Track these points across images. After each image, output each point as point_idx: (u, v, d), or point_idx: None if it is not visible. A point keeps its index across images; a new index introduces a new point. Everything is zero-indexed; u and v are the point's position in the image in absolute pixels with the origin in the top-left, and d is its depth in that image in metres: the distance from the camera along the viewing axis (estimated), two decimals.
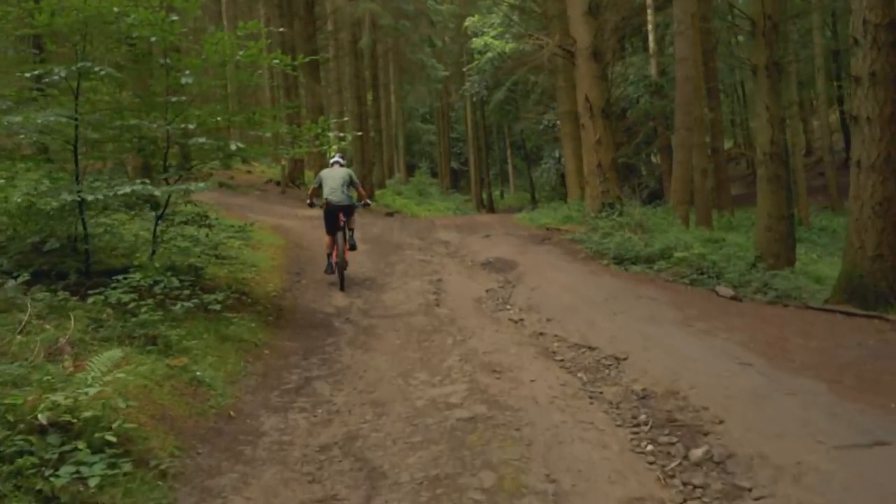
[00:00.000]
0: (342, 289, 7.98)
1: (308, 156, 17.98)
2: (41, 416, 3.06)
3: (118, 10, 5.66)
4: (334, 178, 8.22)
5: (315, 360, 5.50)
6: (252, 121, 7.14)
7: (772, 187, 9.68)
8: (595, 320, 6.38)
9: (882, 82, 6.86)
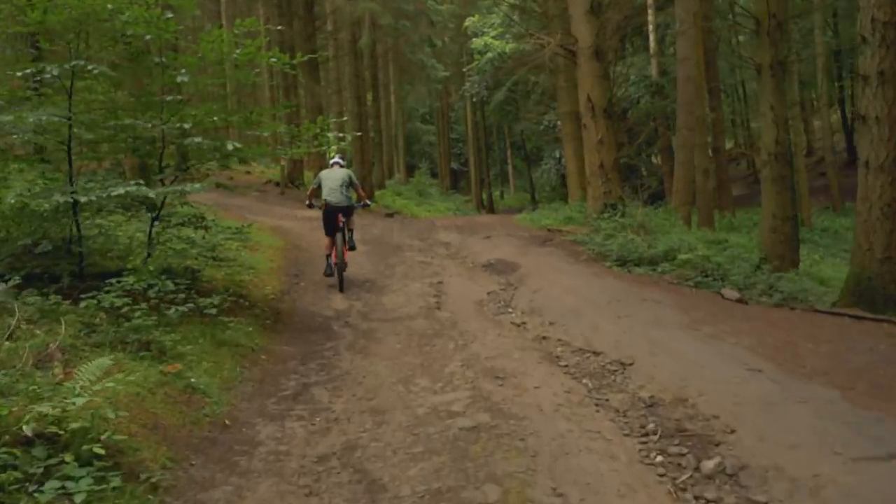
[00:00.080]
0: (341, 290, 7.87)
1: (307, 156, 17.87)
2: (26, 427, 2.93)
3: (112, 7, 5.54)
4: (333, 178, 8.17)
5: (313, 365, 5.37)
6: (249, 120, 7.02)
7: (777, 188, 9.57)
8: (599, 324, 6.25)
9: (891, 81, 6.73)
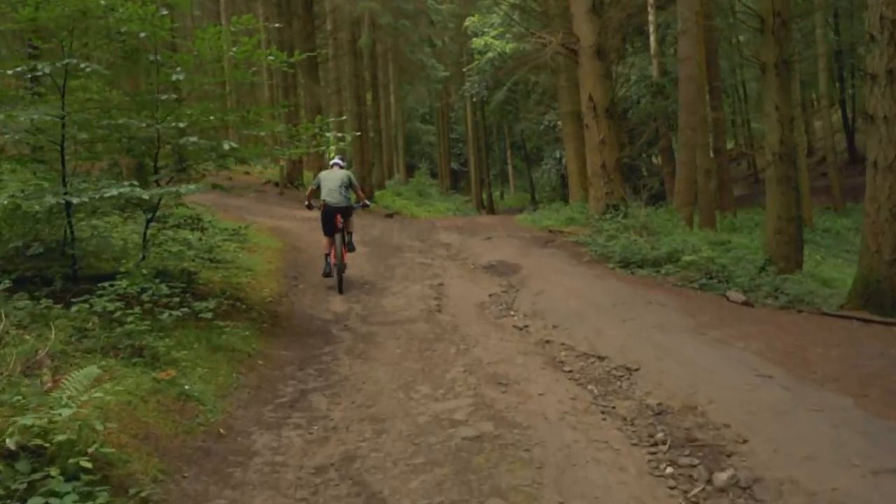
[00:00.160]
0: (340, 292, 7.75)
1: (307, 156, 17.74)
2: (9, 440, 2.80)
3: (105, 4, 5.41)
4: (332, 179, 8.09)
5: (311, 370, 5.24)
6: (247, 120, 6.90)
7: (781, 188, 9.43)
8: (603, 328, 6.13)
9: None
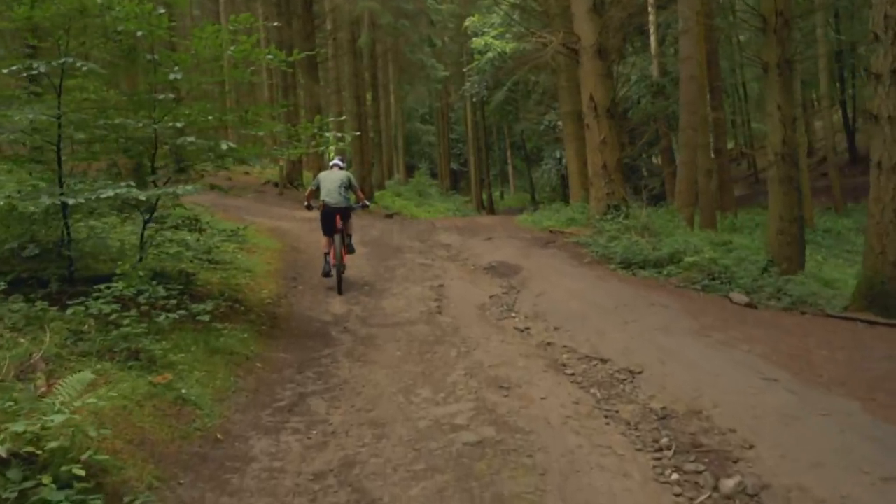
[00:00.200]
0: (340, 294, 7.69)
1: (306, 157, 17.68)
2: (0, 447, 2.74)
3: (102, 3, 5.34)
4: (332, 180, 8.06)
5: (310, 373, 5.17)
6: (245, 120, 6.83)
7: (784, 189, 9.36)
8: (605, 329, 6.06)
9: None
